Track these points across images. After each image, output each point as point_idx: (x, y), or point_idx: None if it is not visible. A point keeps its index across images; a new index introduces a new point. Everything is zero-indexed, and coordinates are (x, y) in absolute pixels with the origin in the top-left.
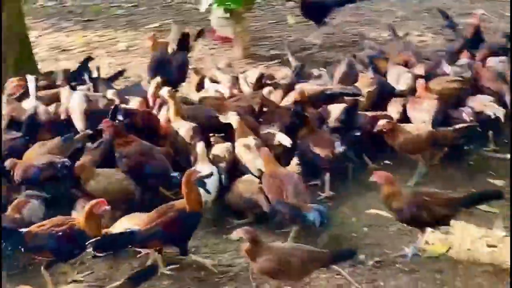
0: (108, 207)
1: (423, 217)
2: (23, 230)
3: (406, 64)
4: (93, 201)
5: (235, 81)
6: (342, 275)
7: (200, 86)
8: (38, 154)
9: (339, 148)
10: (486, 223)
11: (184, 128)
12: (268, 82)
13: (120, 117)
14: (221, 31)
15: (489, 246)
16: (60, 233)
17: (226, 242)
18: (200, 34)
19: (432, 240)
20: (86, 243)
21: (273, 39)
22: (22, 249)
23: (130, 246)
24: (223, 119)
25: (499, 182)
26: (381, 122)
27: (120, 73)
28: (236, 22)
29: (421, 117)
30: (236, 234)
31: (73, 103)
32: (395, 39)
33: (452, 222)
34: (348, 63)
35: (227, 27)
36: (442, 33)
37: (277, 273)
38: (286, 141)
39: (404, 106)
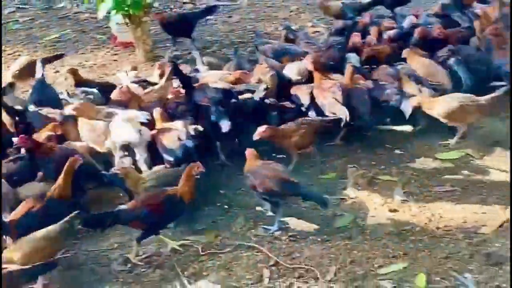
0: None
1: (258, 190)
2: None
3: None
4: (70, 160)
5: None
6: (262, 251)
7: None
8: None
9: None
10: (386, 191)
11: None
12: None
13: None
14: (122, 37)
15: (391, 210)
16: (40, 210)
17: None
18: (57, 57)
19: (340, 211)
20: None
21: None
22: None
23: (115, 223)
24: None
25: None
26: (260, 130)
27: (10, 86)
28: (136, 27)
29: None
30: None
31: None
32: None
33: (358, 192)
34: (237, 61)
35: (128, 32)
36: (333, 23)
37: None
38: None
39: (311, 93)
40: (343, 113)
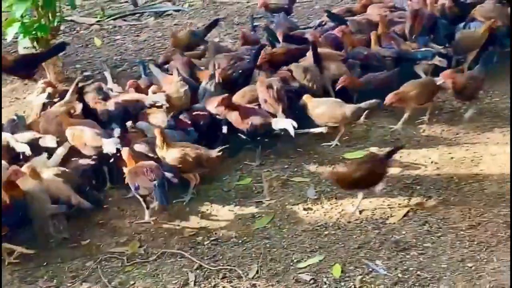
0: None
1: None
2: None
3: None
4: (10, 171)
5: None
6: (186, 256)
7: None
8: None
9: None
10: (300, 191)
11: None
12: None
13: None
14: None
15: (305, 209)
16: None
17: (74, 249)
18: None
19: (258, 213)
20: None
21: (83, 61)
22: None
23: None
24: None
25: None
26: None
27: None
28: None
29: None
30: None
31: None
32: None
33: (273, 194)
34: (147, 78)
35: None
36: (238, 38)
37: None
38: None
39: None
40: (287, 125)
